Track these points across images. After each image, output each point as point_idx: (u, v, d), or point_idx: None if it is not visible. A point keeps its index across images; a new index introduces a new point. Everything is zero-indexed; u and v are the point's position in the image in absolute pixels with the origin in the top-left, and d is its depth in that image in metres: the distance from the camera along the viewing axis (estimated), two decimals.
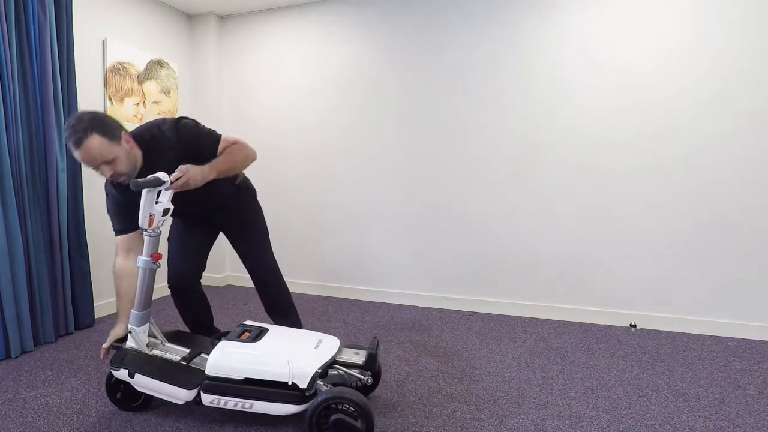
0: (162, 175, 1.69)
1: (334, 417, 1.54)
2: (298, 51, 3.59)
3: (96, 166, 1.64)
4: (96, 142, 1.59)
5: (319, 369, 1.62)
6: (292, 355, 1.65)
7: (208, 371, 1.64)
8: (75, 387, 2.03)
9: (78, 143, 1.58)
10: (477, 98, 3.14)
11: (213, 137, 1.86)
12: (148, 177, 1.64)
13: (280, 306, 2.24)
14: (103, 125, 1.63)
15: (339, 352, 1.78)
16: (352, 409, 1.54)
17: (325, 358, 1.68)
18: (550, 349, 2.54)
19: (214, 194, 1.98)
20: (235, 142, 1.87)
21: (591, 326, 2.91)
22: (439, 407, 1.89)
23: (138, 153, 1.75)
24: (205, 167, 1.73)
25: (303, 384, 1.59)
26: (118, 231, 1.88)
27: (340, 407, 1.55)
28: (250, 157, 1.90)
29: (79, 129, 1.58)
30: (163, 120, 1.85)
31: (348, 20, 3.43)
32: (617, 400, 1.95)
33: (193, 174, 1.67)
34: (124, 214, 1.84)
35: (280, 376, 1.61)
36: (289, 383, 1.60)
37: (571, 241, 3.00)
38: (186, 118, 1.87)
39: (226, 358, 1.65)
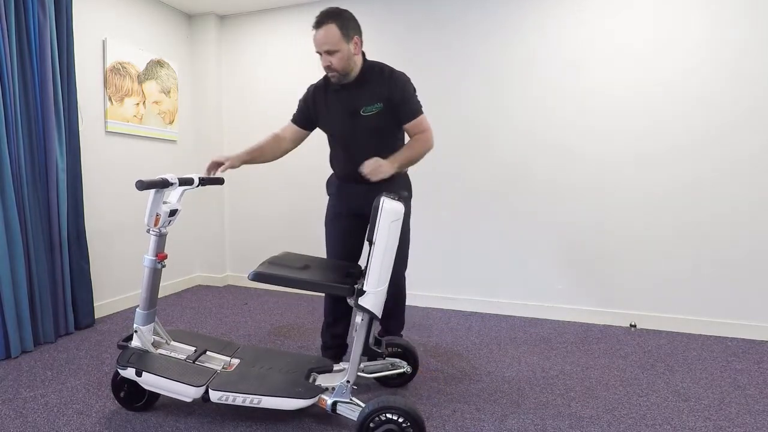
0: (170, 176, 1.73)
1: (384, 428, 1.51)
2: (298, 50, 3.59)
3: (320, 50, 1.86)
4: (331, 30, 1.82)
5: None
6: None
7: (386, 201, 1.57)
8: (75, 387, 2.03)
9: (318, 24, 1.83)
10: (477, 96, 3.14)
11: (415, 108, 1.96)
12: (155, 178, 1.69)
13: (389, 307, 2.14)
14: (345, 22, 1.84)
15: None
16: (403, 420, 1.51)
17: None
18: (550, 349, 2.54)
19: (374, 190, 1.95)
20: (425, 131, 1.95)
21: (591, 326, 2.91)
22: (439, 407, 1.89)
23: (357, 63, 1.92)
24: (388, 161, 1.82)
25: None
26: (292, 118, 2.14)
27: (393, 418, 1.51)
28: (429, 148, 1.97)
29: (326, 14, 1.83)
30: (387, 65, 2.00)
31: None
32: (617, 400, 1.95)
33: (380, 163, 1.78)
34: (303, 111, 2.11)
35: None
36: (364, 288, 1.57)
37: (571, 240, 3.00)
38: (405, 76, 1.98)
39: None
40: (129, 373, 1.71)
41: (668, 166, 2.79)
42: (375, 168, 1.78)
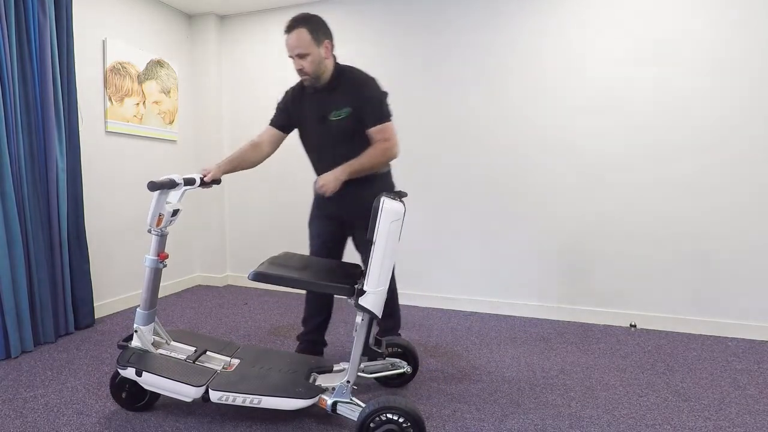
0: (176, 177, 1.76)
1: (384, 428, 1.51)
2: None
3: (292, 54, 1.92)
4: (302, 34, 1.88)
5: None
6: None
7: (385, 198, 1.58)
8: (75, 387, 2.03)
9: (290, 29, 1.91)
10: (479, 95, 3.14)
11: (380, 114, 1.93)
12: (162, 178, 1.71)
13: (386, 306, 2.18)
14: (316, 27, 1.91)
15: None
16: (403, 420, 1.50)
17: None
18: (550, 349, 2.54)
19: (350, 193, 2.00)
20: (388, 140, 1.93)
21: (591, 326, 2.91)
22: (439, 407, 1.89)
23: (329, 67, 1.96)
24: (338, 170, 1.86)
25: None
26: (270, 121, 2.16)
27: (393, 418, 1.51)
28: (389, 158, 1.95)
29: (297, 19, 1.91)
30: (363, 71, 2.02)
31: (348, 19, 3.43)
32: (617, 400, 1.95)
33: (324, 181, 1.82)
34: (280, 114, 2.14)
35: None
36: (365, 288, 1.55)
37: (572, 240, 3.00)
38: (376, 81, 1.99)
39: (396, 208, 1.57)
40: (129, 373, 1.71)
41: (669, 165, 2.78)
42: (321, 187, 1.82)
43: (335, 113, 1.95)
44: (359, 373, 1.81)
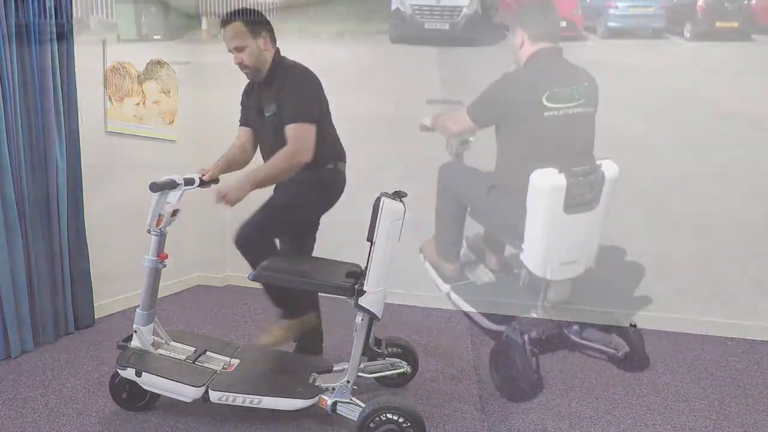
0: (176, 177, 1.77)
1: (384, 428, 1.51)
2: (297, 51, 3.58)
3: (230, 48, 1.87)
4: (237, 27, 1.83)
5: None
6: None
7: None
8: (75, 387, 2.03)
9: (225, 22, 1.86)
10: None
11: (296, 113, 1.80)
12: (164, 179, 1.72)
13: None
14: (252, 19, 1.87)
15: None
16: (403, 420, 1.50)
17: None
18: (550, 349, 2.53)
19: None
20: (295, 143, 1.78)
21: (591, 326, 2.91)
22: (439, 407, 1.89)
23: (268, 59, 1.90)
24: (242, 179, 1.79)
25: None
26: (239, 121, 2.15)
27: (393, 418, 1.51)
28: (295, 165, 1.81)
29: (232, 11, 1.87)
30: (299, 65, 1.95)
31: (348, 19, 3.43)
32: (617, 400, 1.95)
33: (228, 190, 1.76)
34: (243, 111, 2.14)
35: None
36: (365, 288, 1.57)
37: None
38: (305, 78, 1.90)
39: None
40: (129, 373, 1.71)
41: (665, 161, 2.78)
42: (223, 197, 1.74)
43: (267, 109, 1.90)
44: (359, 373, 1.81)
